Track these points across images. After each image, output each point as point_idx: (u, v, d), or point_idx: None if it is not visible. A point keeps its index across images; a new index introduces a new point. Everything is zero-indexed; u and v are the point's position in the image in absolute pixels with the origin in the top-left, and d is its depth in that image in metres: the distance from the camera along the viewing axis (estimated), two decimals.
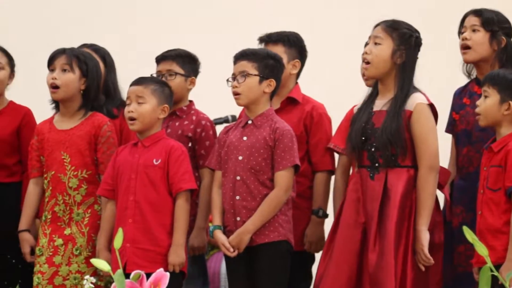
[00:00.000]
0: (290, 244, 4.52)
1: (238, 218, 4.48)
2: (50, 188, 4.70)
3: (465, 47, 4.70)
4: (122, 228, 2.97)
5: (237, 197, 4.49)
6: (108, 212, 4.60)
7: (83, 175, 4.69)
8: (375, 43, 4.46)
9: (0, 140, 4.98)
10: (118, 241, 2.82)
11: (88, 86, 4.74)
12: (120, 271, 2.74)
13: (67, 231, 4.64)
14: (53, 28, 6.87)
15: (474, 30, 4.70)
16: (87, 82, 4.74)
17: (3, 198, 4.93)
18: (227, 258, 4.55)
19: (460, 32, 4.76)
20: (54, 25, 6.95)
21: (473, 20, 4.71)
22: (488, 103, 4.31)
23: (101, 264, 2.82)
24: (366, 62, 4.48)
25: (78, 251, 4.63)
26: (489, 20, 4.68)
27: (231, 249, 4.46)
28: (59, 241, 4.63)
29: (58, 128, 4.74)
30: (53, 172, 4.69)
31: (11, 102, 5.18)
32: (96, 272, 4.57)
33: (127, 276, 2.75)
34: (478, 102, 4.38)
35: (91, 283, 2.90)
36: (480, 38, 4.68)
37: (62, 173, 4.68)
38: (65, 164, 4.67)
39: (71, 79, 4.71)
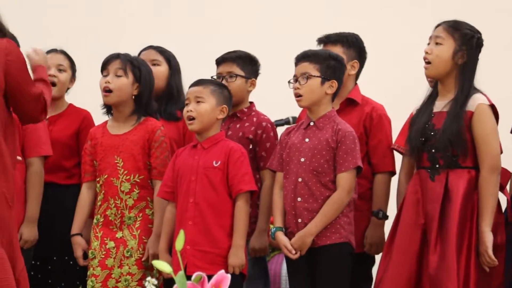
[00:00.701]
0: (351, 246, 4.52)
1: (300, 220, 4.47)
2: (103, 192, 4.73)
3: None
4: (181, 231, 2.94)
5: (299, 199, 4.48)
6: (168, 214, 4.62)
7: (136, 179, 4.71)
8: (436, 43, 4.44)
9: (60, 143, 5.03)
10: (179, 243, 2.79)
11: (141, 91, 4.77)
12: (181, 273, 2.71)
13: (118, 235, 4.68)
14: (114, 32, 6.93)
15: None
16: (140, 88, 4.77)
17: (62, 200, 5.00)
18: (288, 259, 4.54)
19: None
20: (115, 30, 7.01)
21: None
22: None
23: (163, 266, 2.77)
24: (427, 62, 4.46)
25: (129, 253, 4.66)
26: None
27: (293, 251, 4.45)
28: (111, 244, 4.67)
29: (112, 133, 4.78)
30: (106, 176, 4.73)
31: (71, 105, 5.25)
32: (146, 275, 4.63)
33: (187, 278, 2.71)
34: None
35: (153, 284, 2.90)
36: None
37: (115, 177, 4.71)
38: (118, 168, 4.71)
39: (124, 83, 4.74)
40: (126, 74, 4.75)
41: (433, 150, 4.38)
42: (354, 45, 4.95)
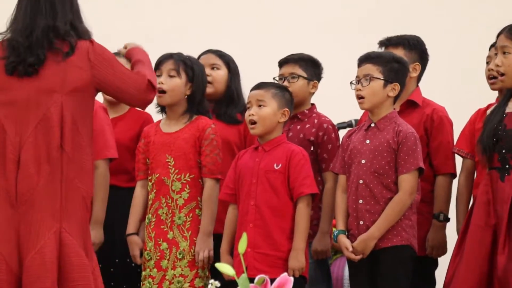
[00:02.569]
0: (413, 249, 4.49)
1: (361, 222, 4.45)
2: (154, 190, 4.72)
3: None
4: (244, 233, 2.94)
5: (360, 201, 4.45)
6: (230, 216, 4.63)
7: (186, 178, 4.68)
8: (504, 53, 4.38)
9: (121, 145, 5.04)
10: (242, 246, 2.78)
11: (194, 91, 4.76)
12: (244, 275, 2.71)
13: (169, 235, 4.66)
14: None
15: None
16: (193, 87, 4.75)
17: (124, 203, 4.98)
18: (350, 262, 4.52)
19: None
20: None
21: None
22: None
23: (225, 268, 2.76)
24: (500, 74, 4.40)
25: (181, 255, 4.64)
26: None
27: (355, 254, 4.43)
28: (164, 245, 4.66)
29: (164, 131, 4.77)
30: (157, 175, 4.71)
31: (131, 108, 5.26)
32: (198, 275, 4.63)
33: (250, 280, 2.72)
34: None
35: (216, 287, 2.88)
36: None
37: (166, 176, 4.69)
38: (169, 167, 4.69)
39: (178, 84, 4.74)
40: (179, 74, 4.73)
41: (504, 151, 4.33)
42: (416, 48, 4.93)
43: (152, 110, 4.98)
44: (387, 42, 4.91)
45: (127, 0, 7.45)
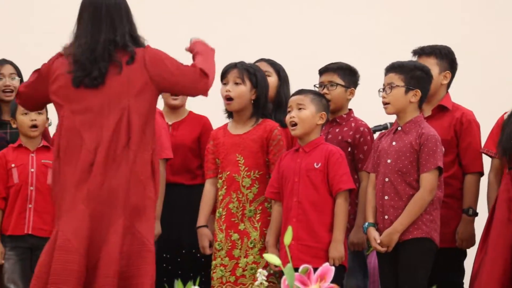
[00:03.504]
0: (433, 242, 4.50)
1: (386, 217, 4.48)
2: (225, 187, 4.75)
3: None
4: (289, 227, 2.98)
5: (386, 197, 4.49)
6: (275, 212, 4.65)
7: (255, 175, 4.73)
8: None
9: (184, 146, 5.11)
10: (287, 239, 2.83)
11: (258, 95, 4.79)
12: (290, 265, 2.74)
13: (241, 226, 4.69)
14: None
15: None
16: (257, 92, 4.79)
17: (189, 199, 5.04)
18: (378, 253, 4.57)
19: None
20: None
21: None
22: None
23: (272, 258, 2.84)
24: None
25: (252, 244, 4.67)
26: None
27: (382, 246, 4.46)
28: (235, 236, 4.69)
29: (233, 133, 4.80)
30: (228, 173, 4.75)
31: (191, 112, 5.32)
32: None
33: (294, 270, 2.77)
34: None
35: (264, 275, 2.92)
36: None
37: (237, 173, 4.73)
38: (239, 165, 4.72)
39: (243, 91, 4.77)
40: (244, 81, 4.77)
41: None
42: (447, 57, 4.94)
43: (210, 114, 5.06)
44: (420, 51, 4.93)
45: None
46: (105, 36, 4.08)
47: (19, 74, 5.48)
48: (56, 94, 4.15)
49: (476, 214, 4.80)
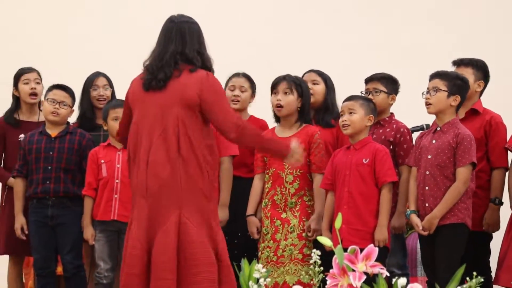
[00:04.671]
0: (467, 226, 4.49)
1: (427, 204, 4.50)
2: (271, 181, 4.79)
3: None
4: (339, 213, 3.04)
5: (426, 188, 4.50)
6: (328, 201, 4.67)
7: (297, 172, 4.75)
8: None
9: None
10: (338, 223, 2.91)
11: (303, 104, 4.82)
12: (340, 246, 2.82)
13: (283, 215, 4.73)
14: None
15: None
16: (302, 101, 4.81)
17: (245, 189, 5.03)
18: (420, 236, 4.58)
19: None
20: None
21: None
22: None
23: (325, 240, 2.92)
24: None
25: (292, 229, 4.71)
26: None
27: (423, 231, 4.49)
28: (278, 222, 4.73)
29: (279, 136, 4.80)
30: (274, 169, 4.79)
31: (252, 116, 5.34)
32: (305, 245, 4.67)
33: (344, 250, 2.82)
34: None
35: (317, 255, 3.00)
36: None
37: (281, 170, 4.76)
38: (284, 163, 4.71)
39: (292, 99, 4.80)
40: (292, 92, 4.79)
41: None
42: (482, 69, 4.95)
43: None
44: (459, 62, 4.93)
45: None
46: (174, 47, 4.08)
47: (111, 85, 5.50)
48: (132, 102, 4.15)
49: (501, 203, 4.77)
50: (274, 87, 4.85)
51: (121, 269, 4.07)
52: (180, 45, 4.08)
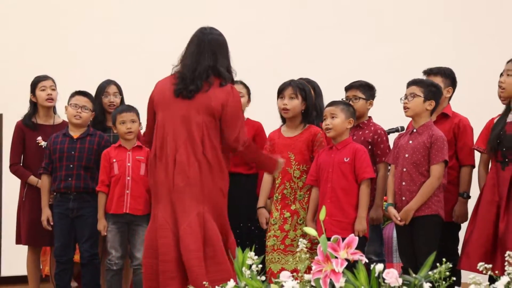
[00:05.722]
0: (440, 217, 4.47)
1: (403, 198, 4.47)
2: (280, 177, 4.75)
3: None
4: (323, 206, 3.04)
5: (403, 183, 4.47)
6: (313, 195, 4.65)
7: (303, 168, 4.72)
8: (508, 75, 4.38)
9: None
10: (322, 215, 2.90)
11: (307, 107, 4.79)
12: (324, 236, 2.81)
13: (292, 207, 4.69)
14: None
15: None
16: (306, 104, 4.79)
17: (246, 184, 5.05)
18: (397, 226, 4.55)
19: None
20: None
21: None
22: None
23: (310, 231, 2.89)
24: (502, 88, 4.41)
25: (301, 221, 4.68)
26: None
27: (400, 221, 4.47)
28: (287, 214, 4.69)
29: (285, 135, 4.79)
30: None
31: (248, 119, 5.29)
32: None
33: (327, 239, 2.81)
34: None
35: (304, 244, 2.99)
36: None
37: (289, 166, 4.71)
38: (291, 160, 4.71)
39: (297, 103, 4.76)
40: (297, 96, 4.74)
41: (504, 149, 4.33)
42: (450, 76, 4.92)
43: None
44: (429, 71, 4.91)
45: None
46: (207, 62, 4.07)
47: (120, 92, 5.50)
48: (156, 105, 4.14)
49: (469, 197, 4.76)
50: (280, 92, 4.80)
51: (149, 256, 4.06)
52: (211, 60, 4.08)
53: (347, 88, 5.00)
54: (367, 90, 4.97)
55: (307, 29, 7.31)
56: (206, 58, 4.08)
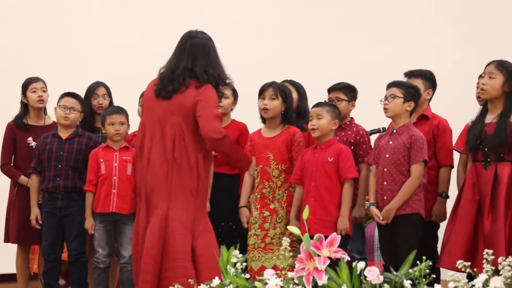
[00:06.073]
0: (421, 216, 4.47)
1: (385, 197, 4.46)
2: (259, 177, 4.75)
3: None
4: (307, 205, 3.03)
5: (385, 183, 4.47)
6: (297, 194, 4.64)
7: (282, 167, 4.72)
8: (490, 77, 4.38)
9: None
10: (306, 214, 2.90)
11: (287, 108, 4.79)
12: (307, 234, 2.80)
13: (271, 206, 4.69)
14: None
15: None
16: (286, 106, 4.78)
17: (228, 184, 5.02)
18: (378, 225, 4.54)
19: None
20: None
21: None
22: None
23: (294, 229, 2.89)
24: (482, 90, 4.40)
25: (280, 219, 4.67)
26: None
27: (382, 219, 4.45)
28: (267, 213, 4.69)
29: (265, 136, 4.80)
30: (261, 166, 4.75)
31: (233, 120, 5.30)
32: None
33: (310, 238, 2.81)
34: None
35: (287, 242, 2.98)
36: None
37: (268, 166, 4.72)
38: (270, 160, 4.73)
39: (277, 104, 4.76)
40: (277, 97, 4.74)
41: (486, 149, 4.32)
42: (430, 79, 4.90)
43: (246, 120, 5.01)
44: (410, 74, 4.89)
45: None
46: (185, 64, 4.08)
47: (109, 94, 5.49)
48: (143, 104, 4.19)
49: (447, 197, 4.75)
50: (261, 93, 4.80)
51: (136, 252, 4.06)
52: (190, 62, 4.09)
53: (330, 90, 5.01)
54: (349, 92, 4.97)
55: (304, 30, 7.28)
56: (185, 60, 4.10)
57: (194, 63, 4.09)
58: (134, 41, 7.16)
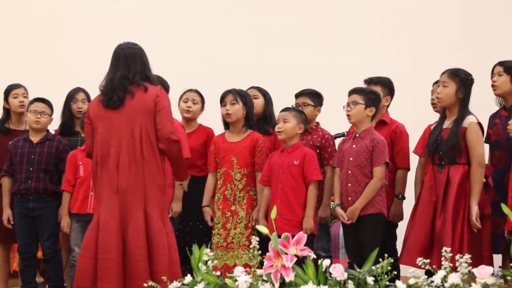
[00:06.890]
0: (383, 215, 4.47)
1: (350, 198, 4.45)
2: (222, 179, 4.74)
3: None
4: (275, 205, 3.02)
5: (349, 184, 4.45)
6: (265, 195, 4.62)
7: (244, 171, 4.71)
8: (444, 86, 4.38)
9: (194, 150, 5.04)
10: (273, 214, 2.89)
11: (248, 112, 4.79)
12: (275, 233, 2.79)
13: (233, 207, 4.69)
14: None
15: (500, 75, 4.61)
16: (247, 109, 4.79)
17: (197, 186, 4.98)
18: (343, 224, 4.52)
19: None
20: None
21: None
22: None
23: (262, 229, 2.88)
24: (438, 98, 4.40)
25: (240, 220, 4.67)
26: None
27: (347, 219, 4.44)
28: (228, 213, 4.69)
29: (229, 140, 4.79)
30: (224, 169, 4.74)
31: (200, 125, 5.26)
32: (252, 233, 4.61)
33: (278, 237, 2.79)
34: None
35: (256, 240, 2.95)
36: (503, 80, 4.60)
37: (231, 169, 4.71)
38: (234, 164, 4.72)
39: (238, 108, 4.77)
40: (238, 102, 4.75)
41: (441, 153, 4.33)
42: (388, 86, 4.92)
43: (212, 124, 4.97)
44: (369, 81, 4.89)
45: None
46: (121, 73, 4.04)
47: (89, 99, 5.42)
48: (94, 119, 4.10)
49: (404, 198, 4.75)
50: (222, 100, 4.80)
51: (86, 255, 3.95)
52: (126, 70, 4.06)
53: (297, 95, 4.98)
54: (316, 97, 4.95)
55: (268, 38, 7.23)
56: (120, 69, 4.07)
57: (129, 70, 4.07)
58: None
